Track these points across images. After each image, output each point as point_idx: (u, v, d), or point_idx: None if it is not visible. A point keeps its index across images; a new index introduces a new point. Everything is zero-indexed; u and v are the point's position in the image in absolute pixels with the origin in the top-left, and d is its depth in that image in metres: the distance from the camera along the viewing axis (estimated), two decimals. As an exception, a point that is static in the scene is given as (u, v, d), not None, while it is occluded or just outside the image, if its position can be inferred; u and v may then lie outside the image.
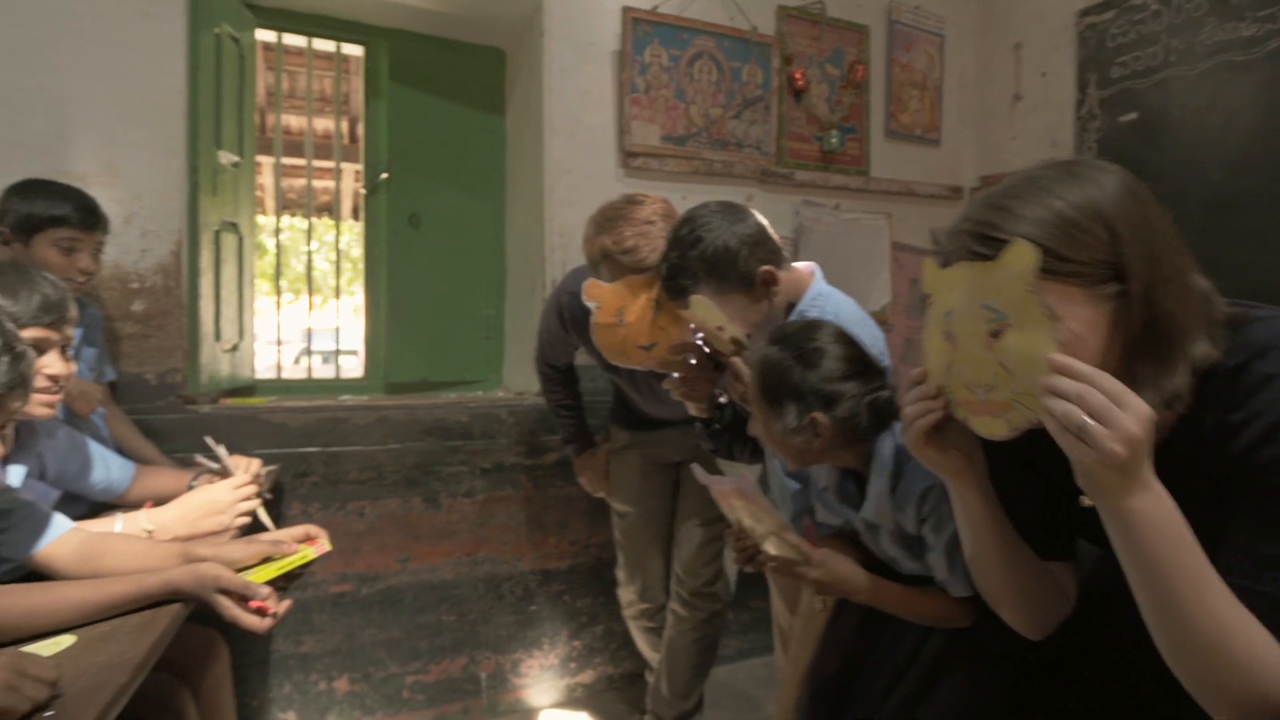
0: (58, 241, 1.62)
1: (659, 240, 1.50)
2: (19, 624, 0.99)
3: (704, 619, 2.01)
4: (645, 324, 1.52)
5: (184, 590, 1.06)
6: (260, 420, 2.08)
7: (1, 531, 1.16)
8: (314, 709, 2.18)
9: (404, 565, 2.25)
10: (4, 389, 1.01)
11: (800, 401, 1.08)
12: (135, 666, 0.87)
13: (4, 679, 0.74)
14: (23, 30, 1.85)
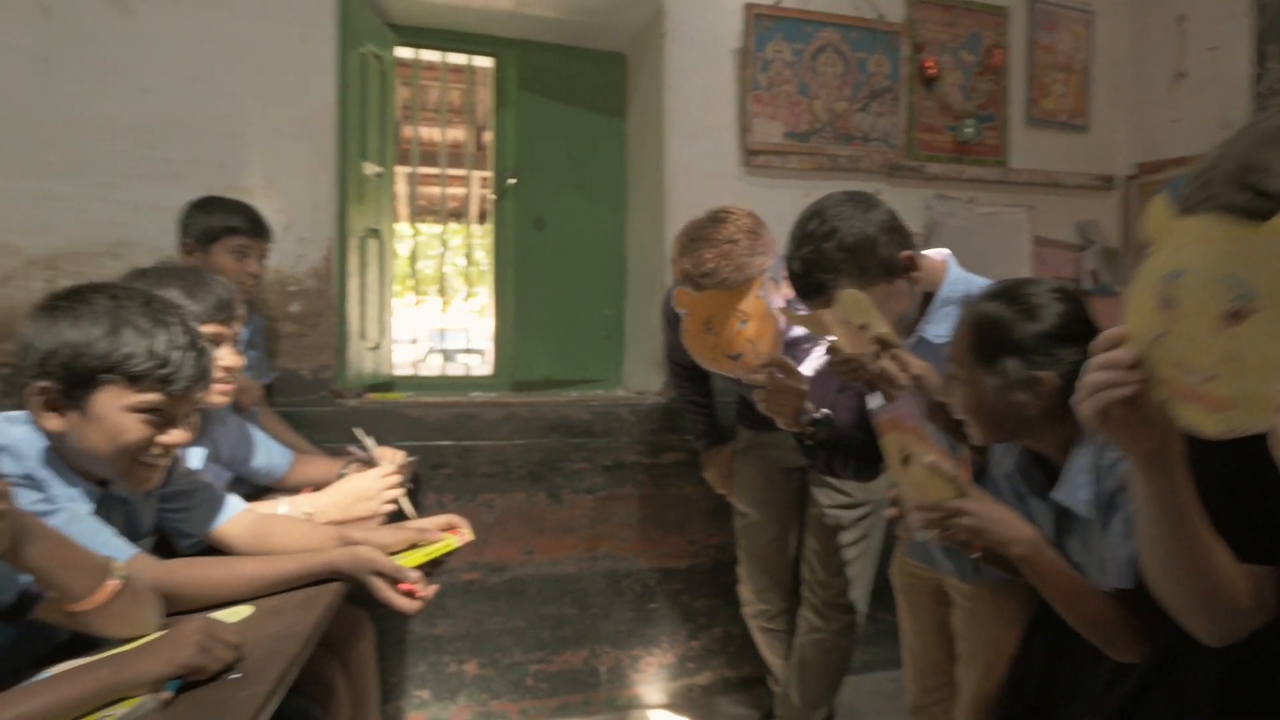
0: (232, 249, 1.79)
1: (742, 257, 1.47)
2: (205, 593, 1.09)
3: (837, 630, 1.95)
4: (732, 334, 1.50)
5: (343, 571, 1.14)
6: (399, 414, 2.21)
7: (185, 510, 1.28)
8: (446, 689, 2.29)
9: (528, 557, 2.32)
10: (191, 381, 1.11)
11: (1023, 356, 1.01)
12: (305, 638, 0.94)
13: (198, 640, 0.82)
14: (197, 61, 2.06)
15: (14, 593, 0.89)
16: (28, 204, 1.98)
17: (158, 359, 1.05)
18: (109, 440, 1.05)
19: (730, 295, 1.49)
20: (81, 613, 0.90)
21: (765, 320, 1.50)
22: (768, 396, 1.39)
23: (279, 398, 2.12)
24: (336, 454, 1.97)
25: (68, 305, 1.06)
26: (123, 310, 1.06)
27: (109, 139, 2.01)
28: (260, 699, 0.79)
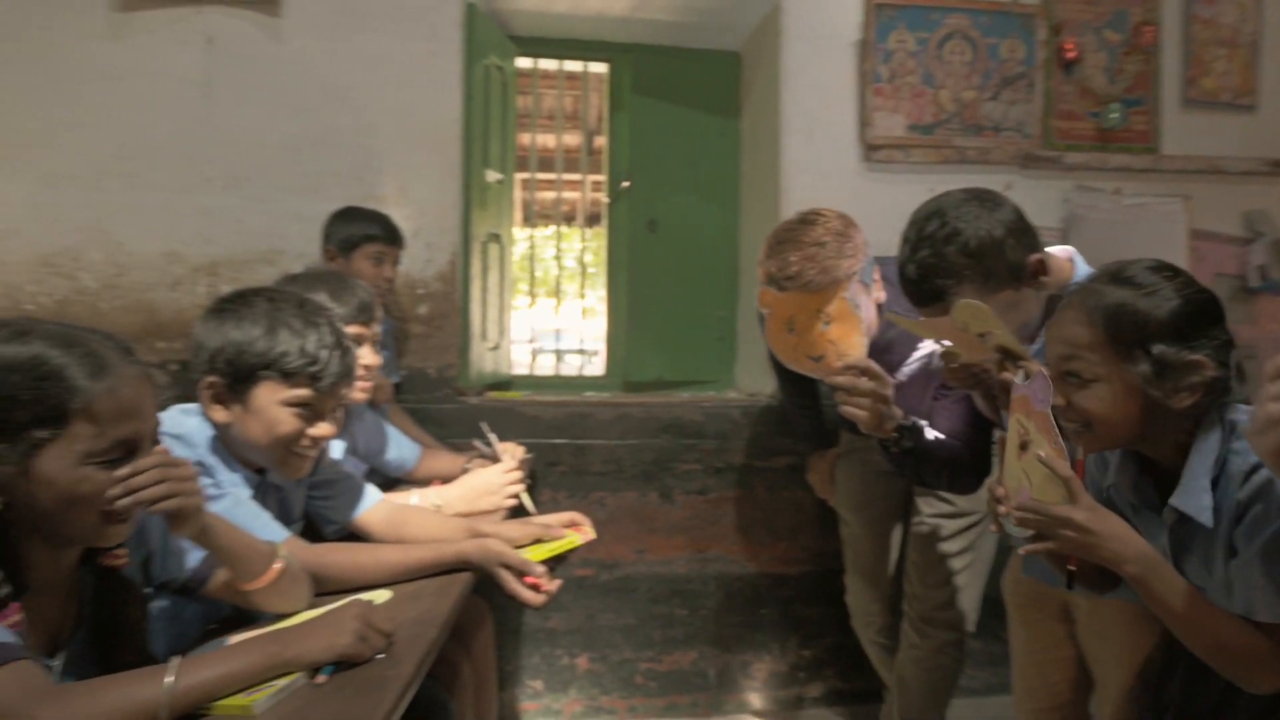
0: (370, 255, 1.92)
1: (829, 260, 1.42)
2: (349, 576, 1.17)
3: (936, 647, 1.85)
4: (815, 335, 1.46)
5: (473, 561, 1.19)
6: (517, 412, 2.28)
7: (331, 498, 1.38)
8: (558, 681, 2.35)
9: (640, 556, 2.34)
10: (337, 378, 1.19)
11: (1172, 340, 0.92)
12: (442, 624, 0.99)
13: (357, 629, 0.87)
14: (339, 80, 2.21)
15: (187, 572, 0.98)
16: (193, 217, 2.19)
17: (308, 357, 1.14)
18: (266, 431, 1.14)
19: (814, 297, 1.45)
20: (250, 590, 0.99)
21: (849, 322, 1.46)
22: (848, 400, 1.34)
23: (407, 395, 2.24)
24: (459, 449, 2.07)
25: (232, 308, 1.16)
26: (279, 312, 1.15)
27: (262, 155, 2.20)
28: (405, 680, 0.84)
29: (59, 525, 0.80)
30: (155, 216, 2.18)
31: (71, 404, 0.77)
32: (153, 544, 0.96)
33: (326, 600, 1.09)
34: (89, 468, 0.78)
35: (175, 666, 0.77)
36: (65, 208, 2.16)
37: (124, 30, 2.16)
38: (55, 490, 0.77)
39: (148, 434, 0.85)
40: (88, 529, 0.81)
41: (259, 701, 0.78)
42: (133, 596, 0.90)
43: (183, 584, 0.99)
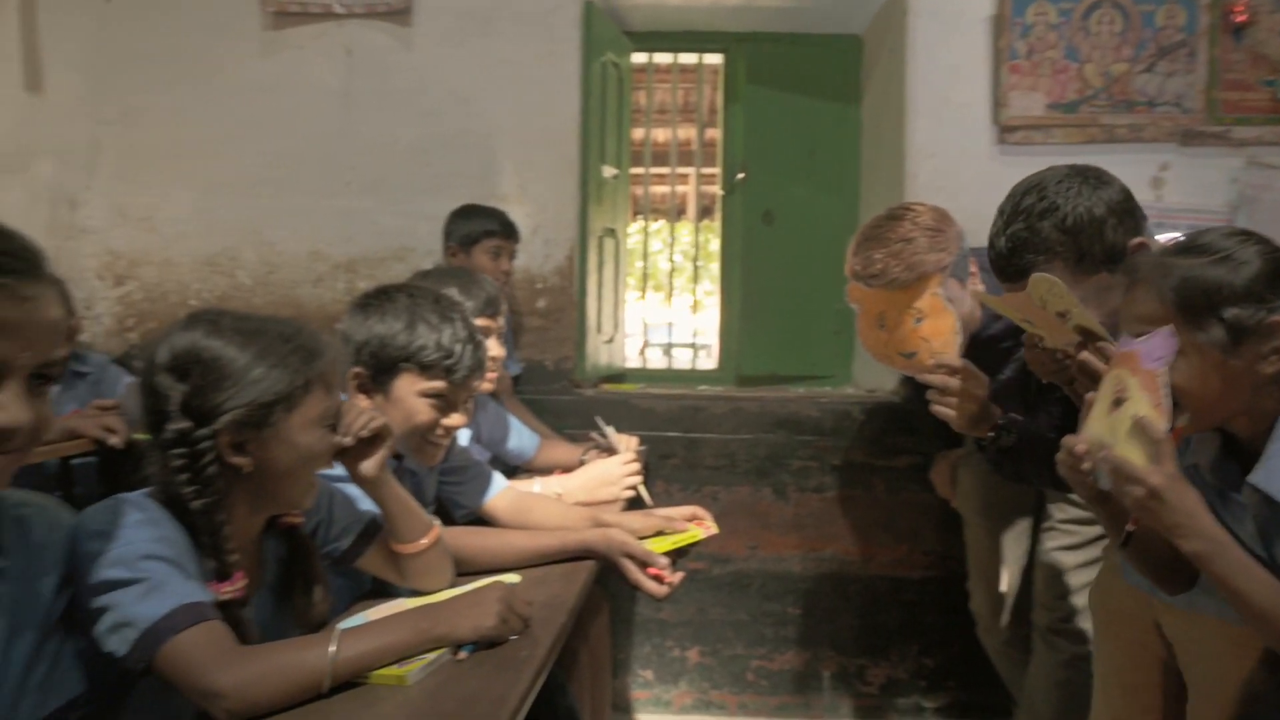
0: (488, 250, 2.00)
1: (916, 255, 1.38)
2: (481, 559, 1.22)
3: (1065, 660, 1.72)
4: (906, 332, 1.43)
5: (597, 550, 1.21)
6: (631, 405, 2.31)
7: (461, 484, 1.45)
8: (668, 672, 2.36)
9: (752, 552, 2.32)
10: (470, 371, 1.24)
11: (1244, 306, 0.87)
12: (571, 609, 1.02)
13: (499, 611, 0.92)
14: (464, 84, 2.31)
15: (350, 539, 1.06)
16: (334, 218, 2.35)
17: (444, 351, 1.20)
18: (404, 420, 1.21)
19: (903, 293, 1.42)
20: (403, 556, 1.05)
21: (943, 318, 1.42)
22: (939, 399, 1.30)
23: (524, 386, 2.31)
24: (575, 440, 2.11)
25: (376, 303, 1.24)
26: (418, 308, 1.22)
27: (395, 159, 2.33)
28: (539, 661, 0.87)
29: (285, 486, 0.91)
30: (301, 219, 2.35)
31: (313, 371, 0.90)
32: (322, 513, 1.04)
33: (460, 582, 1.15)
34: (320, 430, 0.91)
35: (337, 637, 0.83)
36: (225, 213, 2.37)
37: (274, 47, 2.34)
38: (295, 451, 0.89)
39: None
40: (303, 488, 0.92)
41: (412, 673, 0.83)
42: (312, 550, 0.99)
43: (343, 553, 1.06)
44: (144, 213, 2.38)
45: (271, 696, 0.79)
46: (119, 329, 2.41)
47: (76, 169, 2.37)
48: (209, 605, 0.81)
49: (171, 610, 0.77)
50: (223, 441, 0.86)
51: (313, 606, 0.97)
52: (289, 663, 0.81)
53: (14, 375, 0.62)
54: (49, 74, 2.36)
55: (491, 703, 0.78)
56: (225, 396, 0.86)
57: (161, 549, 0.81)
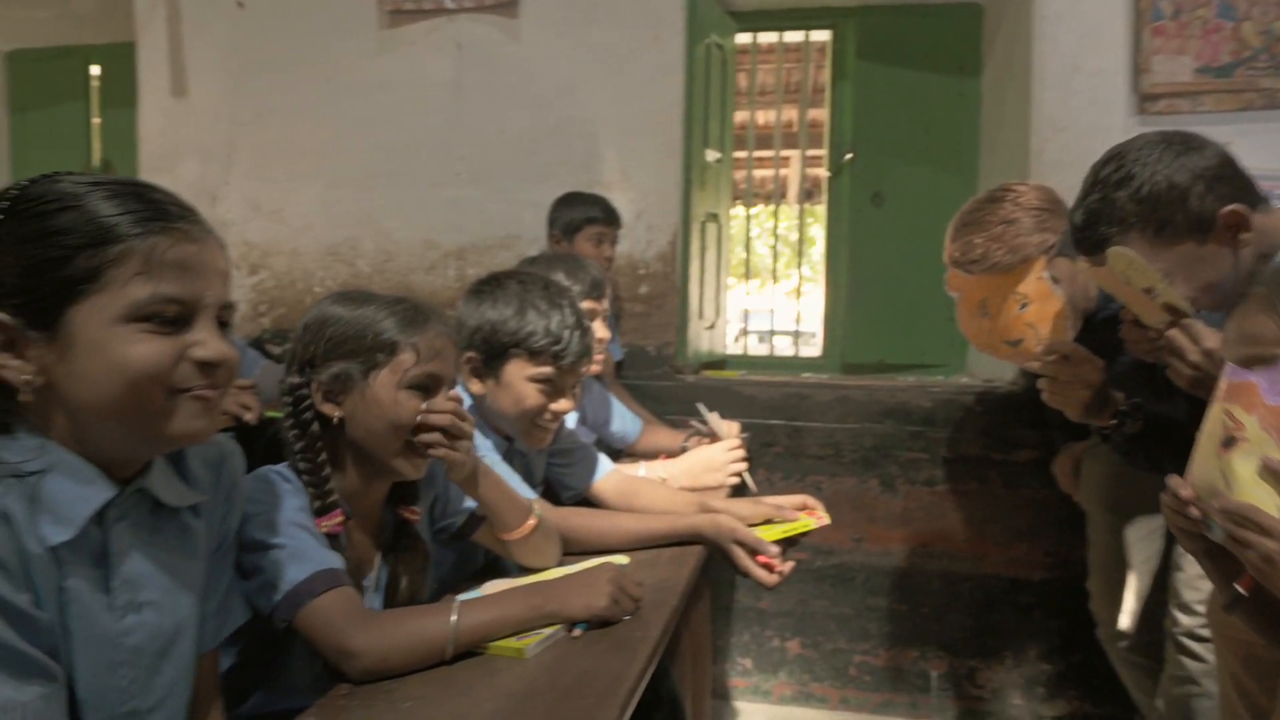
0: (591, 237, 2.03)
1: (1019, 238, 1.33)
2: (589, 539, 1.24)
3: (1203, 672, 1.58)
4: (1011, 318, 1.38)
5: (705, 535, 1.21)
6: (733, 391, 2.29)
7: (569, 466, 1.47)
8: (768, 662, 2.34)
9: (857, 544, 2.26)
10: (577, 357, 1.25)
11: None
12: (682, 592, 1.02)
13: (611, 593, 0.93)
14: (565, 73, 2.33)
15: (465, 515, 1.10)
16: (445, 208, 2.44)
17: (552, 336, 1.21)
18: (514, 404, 1.24)
19: (1006, 278, 1.36)
20: (509, 541, 1.08)
21: (1050, 302, 1.35)
22: (1051, 386, 1.24)
23: (626, 372, 2.33)
24: (676, 425, 2.11)
25: (488, 290, 1.27)
26: (527, 294, 1.24)
27: (502, 148, 2.38)
28: (653, 643, 0.87)
29: (373, 445, 0.95)
30: (415, 209, 2.45)
31: (403, 336, 0.94)
32: (439, 488, 1.08)
33: (567, 561, 1.17)
34: (406, 392, 0.94)
35: (457, 607, 0.87)
36: (346, 205, 2.50)
37: (389, 44, 2.44)
38: (379, 409, 0.93)
39: (447, 380, 0.99)
40: (397, 452, 0.95)
41: (529, 647, 0.86)
42: (421, 547, 1.03)
43: (458, 529, 1.10)
44: (274, 206, 2.55)
45: (400, 659, 0.83)
46: (253, 314, 2.59)
47: (216, 167, 2.56)
48: (344, 572, 0.86)
49: (311, 575, 0.83)
50: (316, 390, 0.94)
51: (401, 592, 1.01)
52: (415, 628, 0.85)
53: (204, 312, 0.66)
54: (192, 80, 2.56)
55: (609, 680, 0.79)
56: (321, 350, 0.94)
57: (303, 518, 0.88)
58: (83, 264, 0.61)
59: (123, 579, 0.68)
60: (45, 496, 0.63)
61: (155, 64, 2.56)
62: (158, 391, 0.64)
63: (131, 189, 0.65)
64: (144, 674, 0.69)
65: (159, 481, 0.71)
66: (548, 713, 0.74)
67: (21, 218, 0.63)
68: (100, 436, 0.65)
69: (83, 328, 0.62)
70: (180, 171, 2.58)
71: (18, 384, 0.62)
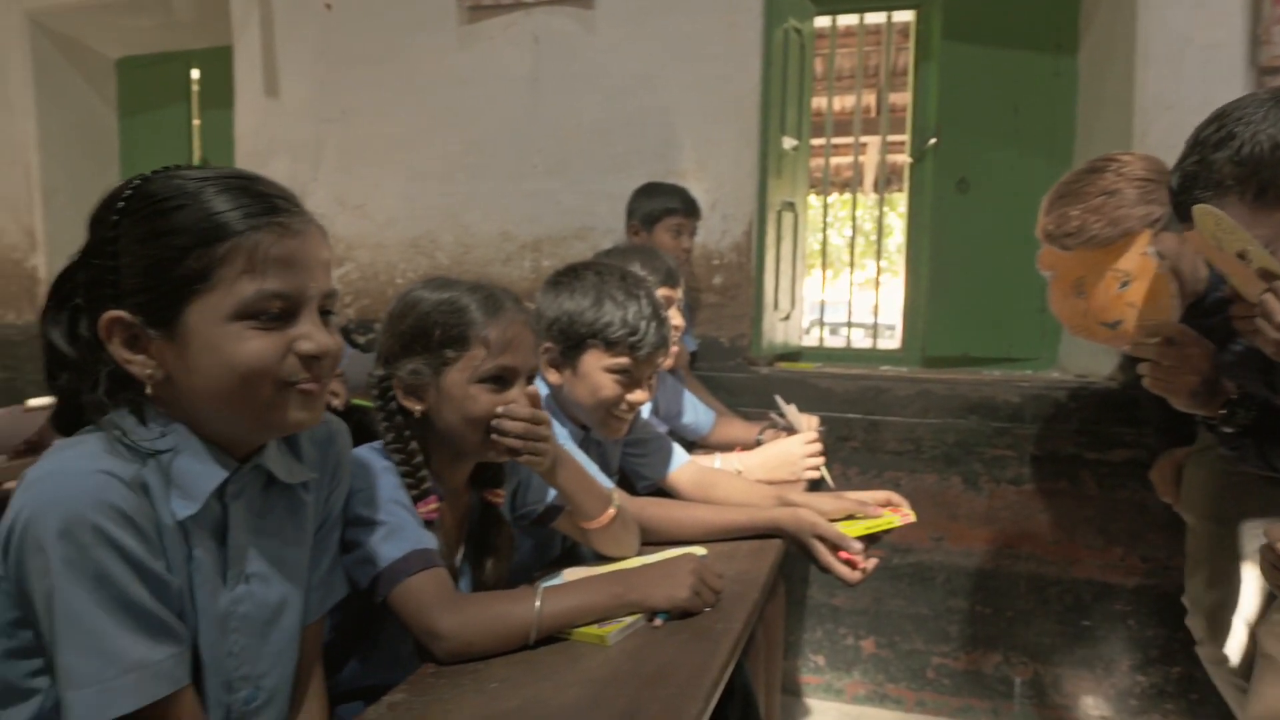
0: (670, 228, 2.01)
1: (1120, 210, 1.25)
2: (666, 529, 1.24)
3: None
4: (1110, 298, 1.30)
5: (785, 529, 1.19)
6: (808, 384, 2.24)
7: (645, 456, 1.47)
8: (841, 660, 2.30)
9: (937, 544, 2.19)
10: (654, 348, 1.25)
11: None
12: (763, 585, 1.00)
13: (693, 584, 0.93)
14: (641, 63, 2.32)
15: (546, 502, 1.11)
16: (522, 200, 2.47)
17: (629, 327, 1.21)
18: (590, 394, 1.24)
19: (1105, 253, 1.28)
20: (589, 529, 1.09)
21: (1153, 280, 1.26)
22: (1154, 371, 1.17)
23: (700, 363, 2.32)
24: (750, 418, 2.09)
25: (566, 281, 1.28)
26: (604, 285, 1.24)
27: (577, 140, 2.40)
28: (735, 635, 0.86)
29: (456, 438, 0.97)
30: (492, 201, 2.50)
31: (472, 331, 0.95)
32: (522, 475, 1.10)
33: (645, 551, 1.17)
34: (478, 387, 0.95)
35: (540, 594, 0.88)
36: (426, 198, 2.57)
37: (468, 40, 2.48)
38: (453, 404, 0.95)
39: (524, 369, 0.99)
40: (477, 445, 0.97)
41: (611, 634, 0.86)
42: (506, 530, 1.05)
43: (538, 516, 1.12)
44: (359, 201, 2.64)
45: (484, 642, 0.85)
46: (340, 305, 2.70)
47: (305, 163, 2.67)
48: (437, 553, 0.88)
49: (408, 554, 0.85)
50: (397, 385, 0.96)
51: (485, 573, 1.03)
52: (501, 613, 0.87)
53: (307, 305, 0.68)
54: (283, 80, 2.67)
55: (691, 670, 0.78)
56: (399, 346, 0.97)
57: (401, 495, 0.91)
58: (193, 264, 0.64)
59: (236, 551, 0.72)
60: (174, 474, 0.67)
61: (250, 66, 2.69)
62: (266, 386, 0.67)
63: (238, 183, 0.67)
64: (254, 641, 0.73)
65: (274, 459, 0.75)
66: (631, 700, 0.74)
67: (136, 218, 0.66)
68: (217, 423, 0.69)
69: (197, 326, 0.65)
70: (272, 168, 2.70)
71: (142, 378, 0.67)
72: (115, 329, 0.66)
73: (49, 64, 3.02)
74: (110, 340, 0.66)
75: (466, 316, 0.95)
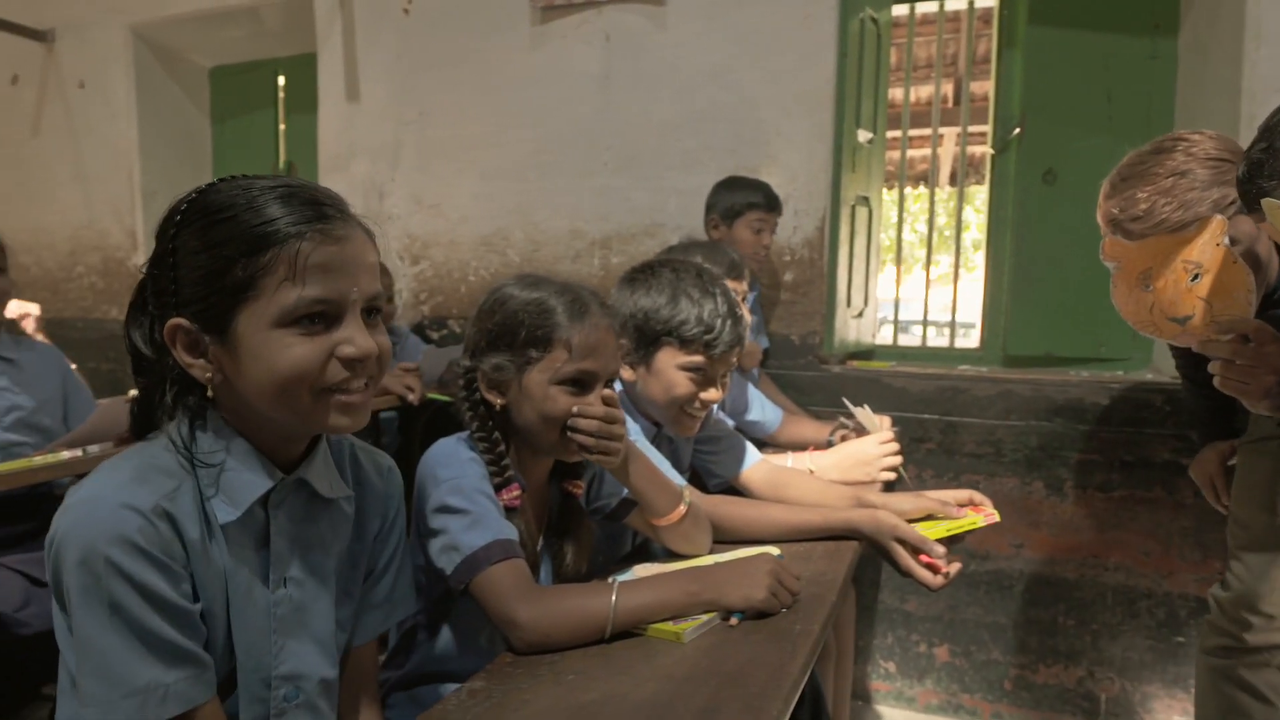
0: (750, 224, 1.99)
1: (1192, 192, 1.16)
2: (738, 528, 1.23)
3: None
4: (1179, 291, 1.22)
5: (863, 531, 1.16)
6: (882, 383, 2.19)
7: (716, 454, 1.46)
8: (913, 667, 2.23)
9: (1017, 551, 2.10)
10: (729, 346, 1.23)
11: None
12: (840, 587, 0.98)
13: (770, 585, 0.92)
14: (712, 58, 2.31)
15: (616, 500, 1.12)
16: (592, 197, 2.49)
17: (704, 325, 1.20)
18: (664, 392, 1.24)
19: (1175, 240, 1.20)
20: (660, 526, 1.09)
21: (1228, 271, 1.18)
22: (1227, 370, 1.09)
23: (770, 361, 2.29)
24: (820, 417, 2.05)
25: (642, 278, 1.28)
26: (680, 282, 1.24)
27: (647, 137, 2.40)
28: (813, 637, 0.85)
29: (533, 435, 0.99)
30: (563, 199, 2.53)
31: (556, 333, 0.96)
32: (596, 469, 1.11)
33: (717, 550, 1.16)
34: (557, 388, 0.96)
35: (616, 588, 0.88)
36: (498, 197, 2.62)
37: (541, 40, 2.52)
38: (532, 402, 0.97)
39: (604, 374, 1.00)
40: (553, 443, 0.99)
41: (687, 632, 0.86)
42: (586, 520, 1.06)
43: (612, 510, 1.13)
44: (434, 200, 2.71)
45: (561, 634, 0.86)
46: (415, 302, 2.77)
47: (384, 165, 2.76)
48: (518, 544, 0.90)
49: (490, 543, 0.87)
50: (481, 378, 0.99)
51: (565, 563, 1.04)
52: (577, 606, 0.88)
53: (350, 309, 0.69)
54: (364, 84, 2.77)
55: (771, 671, 0.77)
56: (486, 340, 0.99)
57: (486, 486, 0.93)
58: (240, 273, 0.66)
59: (277, 556, 0.75)
60: (222, 482, 0.70)
61: (333, 72, 2.79)
62: (304, 393, 0.68)
63: (283, 192, 0.69)
64: (294, 642, 0.75)
65: (317, 473, 0.77)
66: (710, 698, 0.74)
67: (192, 229, 0.69)
68: (264, 426, 0.72)
69: (245, 332, 0.67)
70: (353, 170, 2.80)
71: (203, 380, 0.70)
72: (178, 334, 0.69)
73: (149, 74, 3.21)
74: (174, 345, 0.69)
75: (552, 319, 0.96)
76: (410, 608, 0.89)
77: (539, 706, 0.75)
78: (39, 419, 1.77)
